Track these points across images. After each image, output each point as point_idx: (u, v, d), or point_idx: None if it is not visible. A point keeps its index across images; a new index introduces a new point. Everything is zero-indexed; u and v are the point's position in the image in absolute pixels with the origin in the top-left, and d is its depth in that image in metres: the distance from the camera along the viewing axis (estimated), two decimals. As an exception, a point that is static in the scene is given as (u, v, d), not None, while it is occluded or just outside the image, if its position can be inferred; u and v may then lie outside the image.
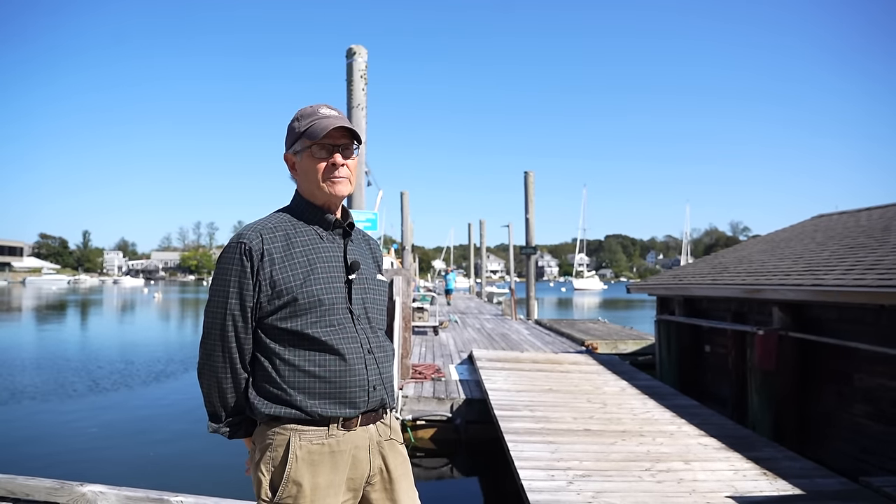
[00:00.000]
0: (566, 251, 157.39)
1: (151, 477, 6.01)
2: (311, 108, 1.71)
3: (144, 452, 7.15)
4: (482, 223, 36.95)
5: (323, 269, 1.64)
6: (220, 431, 1.69)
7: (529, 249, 20.53)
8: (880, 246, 6.33)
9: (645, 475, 4.30)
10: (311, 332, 1.59)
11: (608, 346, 12.34)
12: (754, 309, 7.23)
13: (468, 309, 25.66)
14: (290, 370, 1.59)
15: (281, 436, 1.58)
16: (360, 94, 7.34)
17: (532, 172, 20.71)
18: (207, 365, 1.64)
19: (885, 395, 5.16)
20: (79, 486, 3.13)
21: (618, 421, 5.85)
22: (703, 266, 10.03)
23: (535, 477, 4.19)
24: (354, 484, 1.64)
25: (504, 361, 9.07)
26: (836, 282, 5.40)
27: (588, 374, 8.38)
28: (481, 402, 7.17)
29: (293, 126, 1.70)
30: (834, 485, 4.18)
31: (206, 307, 1.64)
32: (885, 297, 4.69)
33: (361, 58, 7.37)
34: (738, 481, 4.22)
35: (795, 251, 7.95)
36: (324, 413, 1.58)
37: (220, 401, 1.65)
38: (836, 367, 5.79)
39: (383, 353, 1.72)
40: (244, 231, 1.64)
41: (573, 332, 14.62)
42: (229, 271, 1.60)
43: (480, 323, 18.42)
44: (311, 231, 1.69)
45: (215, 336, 1.62)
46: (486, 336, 14.41)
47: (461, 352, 11.41)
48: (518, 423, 5.64)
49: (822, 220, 10.05)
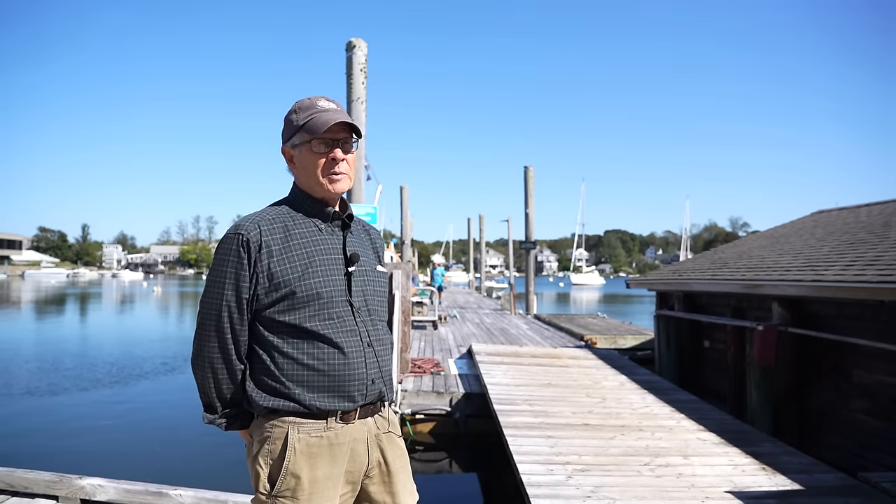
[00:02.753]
0: (565, 246, 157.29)
1: (150, 470, 6.00)
2: (309, 100, 1.69)
3: (143, 446, 7.15)
4: (481, 218, 36.94)
5: (322, 262, 1.63)
6: (215, 423, 1.67)
7: (529, 244, 20.51)
8: (880, 242, 6.32)
9: (644, 470, 4.30)
10: (309, 325, 1.58)
11: (607, 340, 12.34)
12: (754, 304, 7.22)
13: (467, 304, 25.67)
14: (288, 363, 1.58)
15: (279, 429, 1.57)
16: (359, 87, 7.31)
17: (532, 167, 20.67)
18: (201, 356, 1.63)
19: (884, 391, 5.16)
20: (77, 479, 3.13)
21: (617, 416, 5.85)
22: (702, 261, 10.02)
23: (535, 471, 4.19)
24: (353, 477, 1.64)
25: (503, 356, 9.07)
26: (835, 277, 5.39)
27: (587, 369, 8.38)
28: (480, 397, 7.17)
29: (291, 119, 1.68)
30: (832, 480, 4.18)
31: (202, 297, 1.63)
32: (885, 292, 4.68)
33: (361, 51, 7.34)
34: (736, 476, 4.22)
35: (795, 247, 7.94)
36: (322, 406, 1.57)
37: (215, 392, 1.64)
38: (836, 363, 5.79)
39: (383, 346, 1.71)
40: (242, 222, 1.62)
41: (572, 326, 14.63)
42: (226, 262, 1.59)
43: (479, 317, 18.42)
44: (310, 223, 1.67)
45: (210, 327, 1.61)
46: (486, 331, 14.41)
47: (460, 346, 11.41)
48: (517, 417, 5.64)
49: (822, 216, 10.03)
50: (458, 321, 16.93)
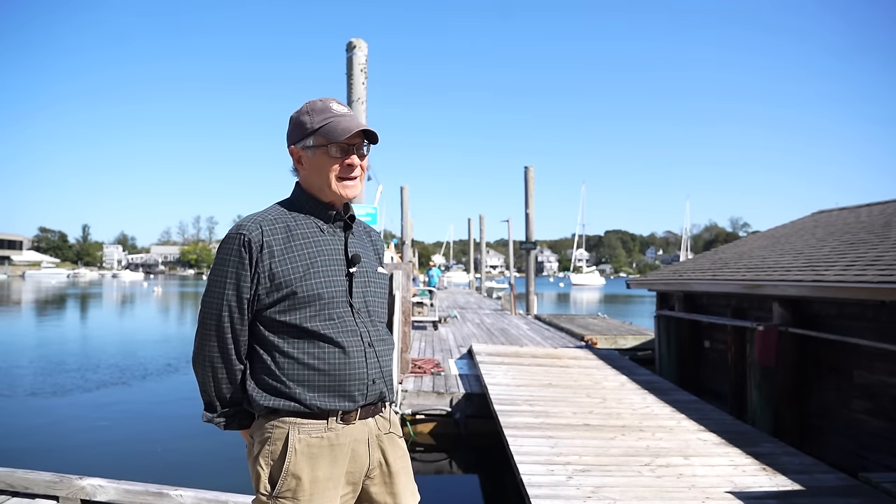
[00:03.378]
0: (566, 246, 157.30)
1: (150, 471, 6.00)
2: (321, 102, 1.67)
3: (144, 446, 7.15)
4: (482, 218, 36.91)
5: (323, 263, 1.62)
6: (214, 422, 1.67)
7: (529, 245, 20.50)
8: (881, 242, 6.32)
9: (644, 470, 4.30)
10: (310, 325, 1.58)
11: (608, 341, 12.33)
12: (754, 305, 7.22)
13: (468, 304, 25.66)
14: (289, 363, 1.58)
15: (280, 429, 1.57)
16: (360, 88, 7.30)
17: (532, 167, 20.66)
18: (202, 354, 1.63)
19: (885, 391, 5.16)
20: (78, 480, 3.13)
21: (617, 416, 5.85)
22: (702, 262, 10.02)
23: (535, 472, 4.18)
24: (354, 477, 1.64)
25: (504, 356, 9.07)
26: (836, 277, 5.39)
27: (588, 369, 8.38)
28: (481, 397, 7.17)
29: (303, 120, 1.66)
30: (833, 480, 4.18)
31: (203, 297, 1.63)
32: (886, 292, 4.68)
33: (361, 52, 7.33)
34: (737, 476, 4.22)
35: (795, 247, 7.93)
36: (323, 406, 1.57)
37: (214, 391, 1.64)
38: (836, 363, 5.78)
39: (383, 346, 1.71)
40: (244, 222, 1.62)
41: (573, 327, 14.61)
42: (227, 262, 1.59)
43: (480, 318, 18.41)
44: (312, 224, 1.67)
45: (211, 326, 1.61)
46: (486, 331, 14.41)
47: (461, 346, 11.41)
48: (518, 417, 5.64)
49: (823, 216, 10.03)
50: (459, 321, 16.92)
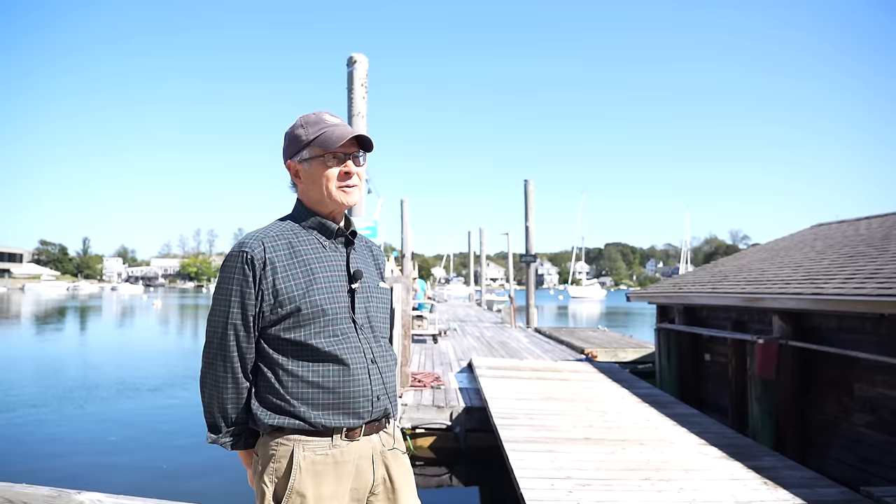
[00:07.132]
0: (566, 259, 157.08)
1: (152, 486, 5.97)
2: (314, 115, 1.70)
3: (144, 461, 7.11)
4: (482, 231, 36.92)
5: (325, 279, 1.63)
6: (219, 442, 1.67)
7: (529, 257, 20.52)
8: (880, 255, 6.33)
9: (645, 484, 4.28)
10: (314, 342, 1.58)
11: (608, 354, 12.32)
12: (754, 317, 7.22)
13: (467, 317, 25.62)
14: (293, 380, 1.58)
15: (284, 447, 1.57)
16: (360, 102, 7.36)
17: (532, 181, 20.74)
18: (209, 374, 1.63)
19: (886, 404, 5.15)
20: (76, 494, 3.12)
21: (618, 429, 5.83)
22: (702, 274, 10.03)
23: (535, 486, 4.17)
24: (358, 494, 1.64)
25: (504, 369, 9.05)
26: (836, 290, 5.40)
27: (588, 383, 8.36)
28: (481, 411, 7.14)
29: (298, 134, 1.67)
30: (835, 494, 4.16)
31: (209, 316, 1.64)
32: (886, 305, 4.69)
33: (362, 67, 7.39)
34: (738, 491, 4.20)
35: (795, 260, 7.95)
36: (327, 423, 1.58)
37: (220, 411, 1.64)
38: (837, 376, 5.78)
39: (386, 362, 1.71)
40: (246, 239, 1.62)
41: (573, 340, 14.59)
42: (231, 280, 1.59)
43: (480, 331, 18.38)
44: (314, 240, 1.68)
45: (216, 345, 1.61)
46: (486, 344, 14.38)
47: (461, 360, 11.38)
48: (518, 431, 5.62)
49: (822, 229, 10.05)
50: (459, 334, 16.89)
